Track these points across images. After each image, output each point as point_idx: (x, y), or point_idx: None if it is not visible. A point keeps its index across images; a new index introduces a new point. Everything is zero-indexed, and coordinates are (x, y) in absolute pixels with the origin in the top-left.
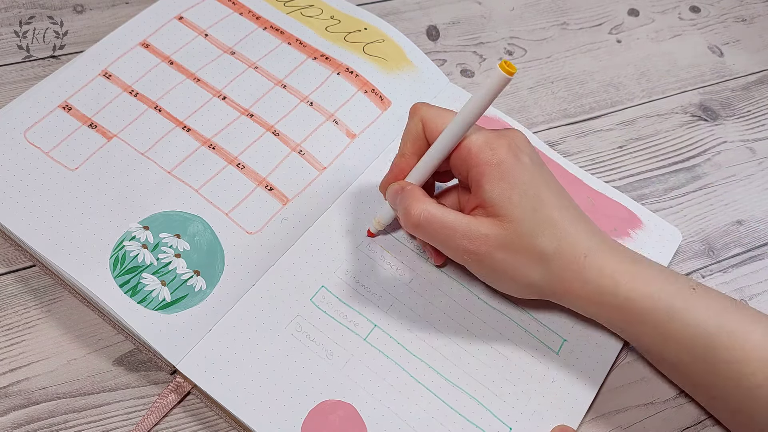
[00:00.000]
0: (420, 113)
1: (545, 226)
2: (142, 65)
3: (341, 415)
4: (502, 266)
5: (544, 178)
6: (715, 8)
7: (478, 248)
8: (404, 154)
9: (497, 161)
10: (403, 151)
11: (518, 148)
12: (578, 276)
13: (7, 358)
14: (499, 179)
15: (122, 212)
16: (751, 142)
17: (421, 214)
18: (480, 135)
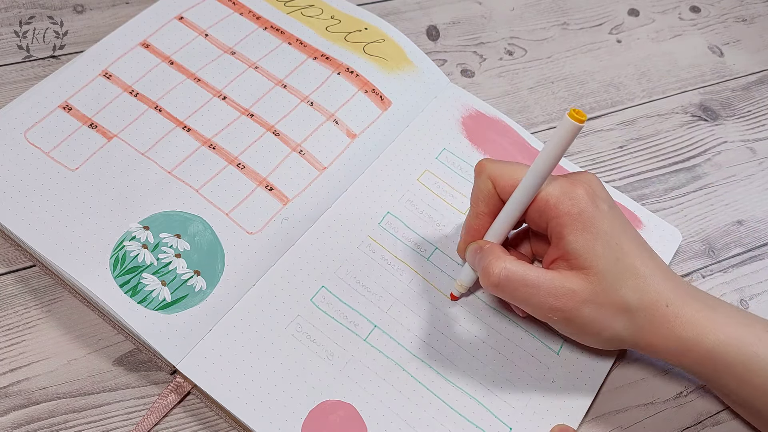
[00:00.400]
0: (487, 171)
1: (628, 276)
2: (142, 65)
3: (341, 415)
4: (589, 321)
5: (622, 224)
6: (716, 8)
7: (565, 304)
8: (479, 215)
9: (578, 211)
10: (477, 212)
11: (596, 194)
12: (661, 327)
13: (7, 358)
14: (582, 230)
15: (122, 212)
16: (752, 142)
17: (501, 272)
18: (556, 184)
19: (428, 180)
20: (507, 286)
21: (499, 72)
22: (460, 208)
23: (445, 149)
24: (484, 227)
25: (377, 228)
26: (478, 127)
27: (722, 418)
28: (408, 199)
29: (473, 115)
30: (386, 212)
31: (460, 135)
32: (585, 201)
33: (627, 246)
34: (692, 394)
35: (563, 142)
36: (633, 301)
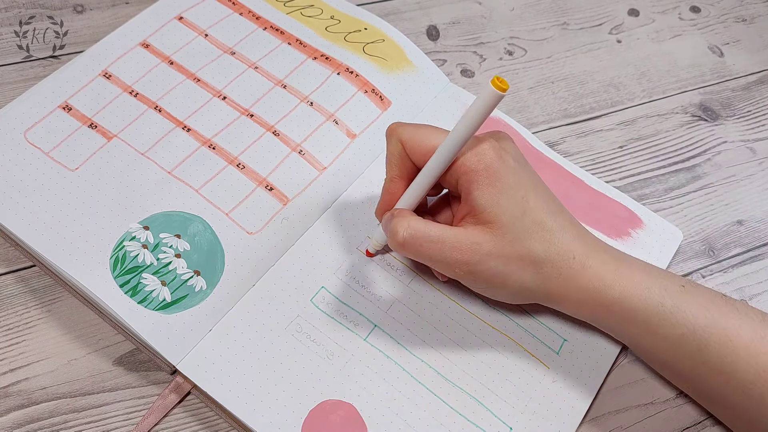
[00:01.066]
0: (396, 134)
1: (535, 230)
2: (142, 65)
3: (342, 415)
4: (495, 273)
5: (530, 179)
6: (715, 8)
7: (470, 258)
8: (393, 178)
9: (484, 166)
10: (391, 175)
11: (503, 149)
12: (568, 278)
13: (7, 358)
14: (487, 185)
15: (122, 212)
16: (752, 142)
17: (405, 231)
18: None
19: None
20: (412, 244)
21: (499, 72)
22: None
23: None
24: (399, 190)
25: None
26: None
27: None
28: None
29: None
30: None
31: None
32: (491, 156)
33: (534, 201)
34: None
35: (483, 110)
36: (539, 253)
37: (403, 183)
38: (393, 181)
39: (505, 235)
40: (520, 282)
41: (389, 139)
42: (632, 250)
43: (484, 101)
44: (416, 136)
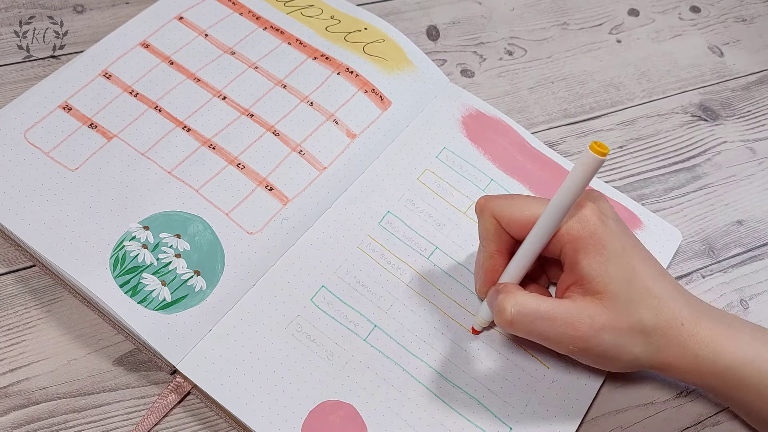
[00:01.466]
0: (488, 209)
1: (642, 297)
2: (142, 65)
3: (341, 415)
4: (609, 347)
5: (631, 242)
6: (715, 8)
7: (585, 333)
8: (492, 255)
9: (589, 234)
10: (489, 252)
11: (603, 213)
12: (677, 347)
13: (7, 358)
14: (594, 253)
15: (122, 212)
16: (751, 142)
17: (513, 308)
18: None
19: (428, 179)
20: (522, 322)
21: (499, 72)
22: (460, 207)
23: (445, 148)
24: (500, 265)
25: (377, 227)
26: (479, 126)
27: (721, 418)
28: (408, 198)
29: (473, 115)
30: (386, 211)
31: (460, 134)
32: (594, 222)
33: (638, 266)
34: (692, 395)
35: (584, 178)
36: (649, 322)
37: (502, 258)
38: (493, 257)
39: (616, 305)
40: (630, 353)
41: (481, 215)
42: None
43: (585, 168)
44: (511, 209)
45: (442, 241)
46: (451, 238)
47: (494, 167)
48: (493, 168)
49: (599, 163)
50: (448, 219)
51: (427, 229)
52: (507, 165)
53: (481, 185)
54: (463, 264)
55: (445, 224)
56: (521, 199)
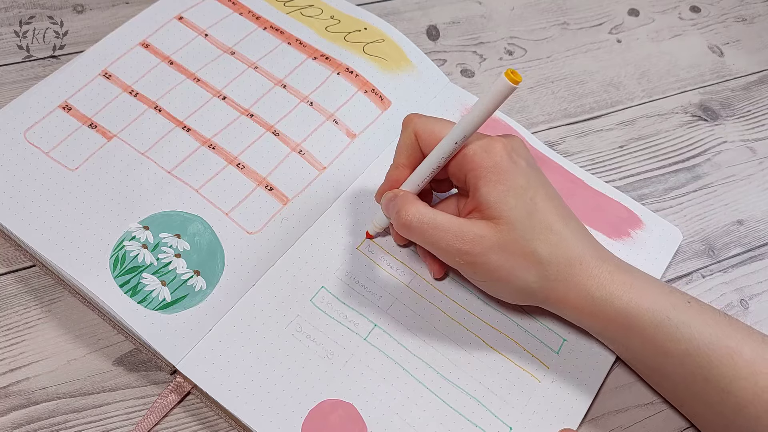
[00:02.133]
0: (413, 124)
1: (540, 231)
2: (142, 65)
3: (341, 414)
4: (496, 267)
5: (540, 182)
6: (715, 8)
7: (472, 248)
8: (398, 165)
9: (493, 164)
10: (398, 162)
11: (514, 150)
12: (572, 284)
13: (7, 358)
14: (495, 182)
15: (122, 212)
16: (751, 142)
17: (413, 214)
18: (476, 139)
19: None
20: (416, 227)
21: (499, 72)
22: None
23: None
24: (403, 178)
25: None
26: None
27: None
28: None
29: None
30: None
31: None
32: (501, 155)
33: (542, 203)
34: None
35: (493, 100)
36: (544, 254)
37: (407, 171)
38: (398, 168)
39: (511, 232)
40: (522, 280)
41: (405, 128)
42: (632, 250)
43: (496, 92)
44: (430, 126)
45: None
46: None
47: None
48: None
49: (510, 90)
50: None
51: None
52: None
53: None
54: None
55: None
56: (443, 121)
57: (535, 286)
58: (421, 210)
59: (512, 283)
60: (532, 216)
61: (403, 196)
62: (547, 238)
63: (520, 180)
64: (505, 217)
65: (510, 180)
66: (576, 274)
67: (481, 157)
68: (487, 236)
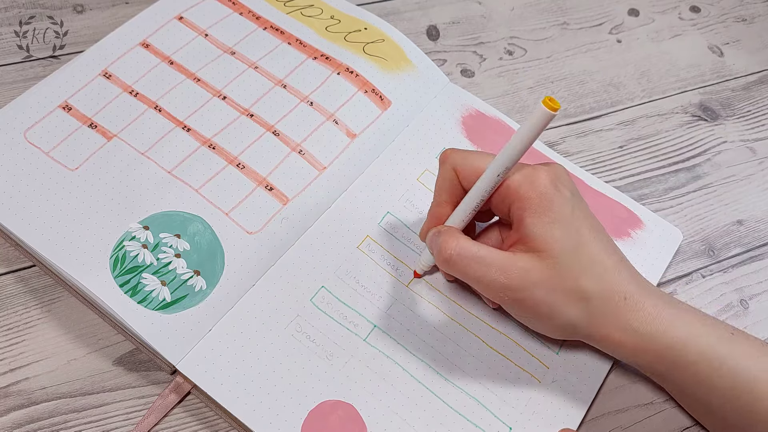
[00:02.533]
0: (450, 160)
1: (586, 264)
2: (142, 65)
3: (341, 415)
4: (540, 302)
5: (585, 212)
6: (715, 8)
7: (517, 284)
8: (440, 203)
9: (538, 194)
10: (439, 200)
11: (559, 179)
12: (617, 319)
13: (7, 358)
14: (540, 213)
15: (122, 212)
16: (751, 142)
17: (454, 248)
18: (519, 170)
19: (428, 179)
20: (458, 262)
21: (499, 72)
22: None
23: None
24: (446, 215)
25: (377, 228)
26: (478, 126)
27: None
28: (408, 198)
29: (473, 115)
30: (386, 212)
31: (460, 134)
32: (546, 185)
33: (587, 234)
34: None
35: (534, 130)
36: (589, 289)
37: (450, 208)
38: (440, 205)
39: (556, 266)
40: (565, 315)
41: (442, 164)
42: (632, 250)
43: (535, 121)
44: (470, 161)
45: None
46: None
47: None
48: None
49: (549, 118)
50: None
51: None
52: None
53: None
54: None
55: None
56: (481, 154)
57: (579, 322)
58: (463, 244)
59: (555, 319)
60: (578, 249)
61: (446, 231)
62: (593, 272)
63: (566, 210)
64: (551, 249)
65: (555, 211)
66: (621, 309)
67: (526, 188)
68: (533, 270)
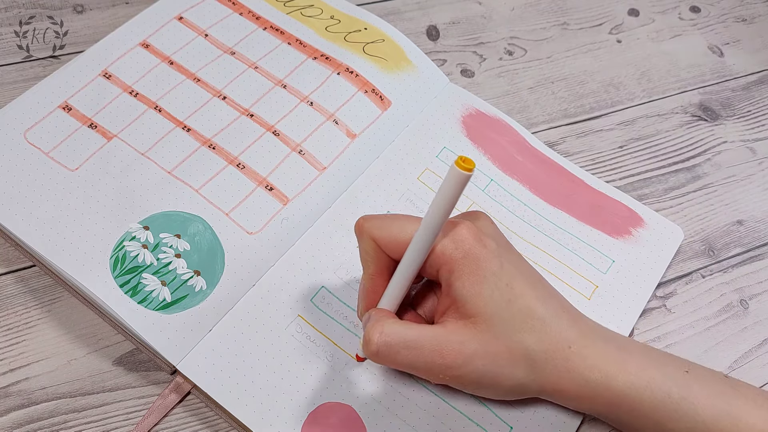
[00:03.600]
0: (367, 230)
1: (523, 318)
2: (142, 65)
3: (341, 417)
4: (482, 373)
5: (514, 263)
6: (715, 8)
7: (454, 360)
8: (371, 277)
9: (463, 254)
10: (369, 274)
11: (482, 232)
12: (565, 371)
13: (7, 358)
14: (468, 273)
15: (122, 212)
16: (751, 142)
17: (379, 338)
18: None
19: (428, 179)
20: (387, 353)
21: (499, 72)
22: (460, 208)
23: (445, 148)
24: (380, 287)
25: None
26: (479, 125)
27: None
28: (408, 198)
29: (473, 114)
30: (386, 211)
31: (460, 134)
32: (469, 242)
33: (520, 286)
34: None
35: (453, 194)
36: (531, 345)
37: (382, 279)
38: (372, 279)
39: (491, 328)
40: (511, 378)
41: (359, 236)
42: (633, 248)
43: (451, 184)
44: (388, 229)
45: None
46: None
47: (494, 167)
48: (492, 168)
49: (466, 179)
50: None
51: None
52: (507, 165)
53: (481, 185)
54: None
55: None
56: (399, 220)
57: (527, 381)
58: (387, 330)
59: (503, 384)
60: (511, 304)
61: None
62: (530, 326)
63: (494, 266)
64: (483, 313)
65: (483, 268)
66: (567, 359)
67: (450, 249)
68: (468, 342)
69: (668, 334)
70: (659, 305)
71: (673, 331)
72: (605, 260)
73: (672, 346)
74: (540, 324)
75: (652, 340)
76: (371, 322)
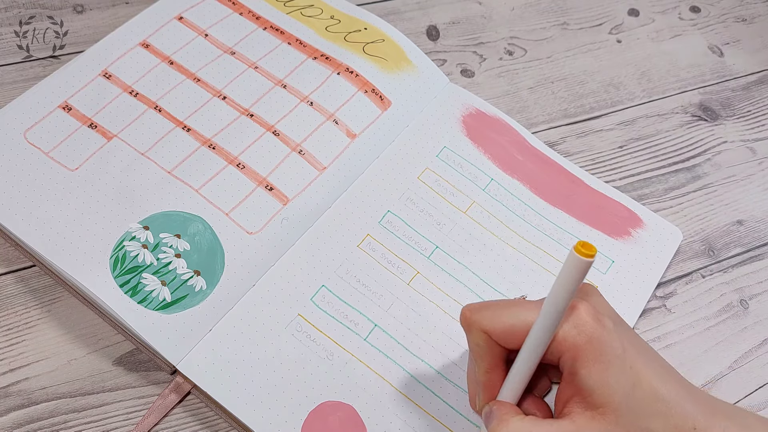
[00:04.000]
0: (476, 324)
1: (648, 403)
2: (142, 65)
3: (341, 416)
4: None
5: (632, 342)
6: (715, 8)
7: None
8: (486, 371)
9: (587, 339)
10: (484, 368)
11: (599, 311)
12: None
13: (7, 358)
14: (593, 360)
15: (122, 212)
16: (751, 142)
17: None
18: None
19: (429, 178)
20: None
21: (499, 72)
22: (460, 206)
23: (445, 147)
24: (498, 379)
25: (377, 227)
26: (479, 125)
27: None
28: (408, 197)
29: (473, 114)
30: (386, 211)
31: (460, 133)
32: (591, 325)
33: (642, 368)
34: None
35: (573, 281)
36: (658, 430)
37: (499, 371)
38: (487, 373)
39: (620, 419)
40: None
41: (468, 329)
42: (633, 249)
43: (572, 271)
44: (500, 320)
45: (443, 240)
46: (451, 237)
47: (494, 166)
48: (493, 167)
49: (587, 266)
50: (449, 218)
51: (427, 228)
52: (507, 164)
53: (482, 184)
54: (464, 263)
55: (446, 223)
56: (509, 308)
57: None
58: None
59: None
60: (636, 389)
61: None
62: (656, 410)
63: (617, 349)
64: (611, 402)
65: (606, 353)
66: None
67: (573, 335)
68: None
69: (668, 334)
70: (659, 305)
71: (673, 331)
72: (605, 260)
73: (672, 346)
74: (665, 407)
75: (652, 340)
76: (496, 421)
